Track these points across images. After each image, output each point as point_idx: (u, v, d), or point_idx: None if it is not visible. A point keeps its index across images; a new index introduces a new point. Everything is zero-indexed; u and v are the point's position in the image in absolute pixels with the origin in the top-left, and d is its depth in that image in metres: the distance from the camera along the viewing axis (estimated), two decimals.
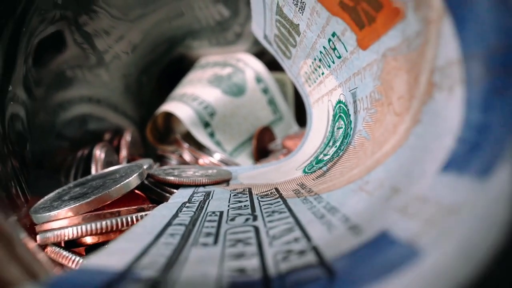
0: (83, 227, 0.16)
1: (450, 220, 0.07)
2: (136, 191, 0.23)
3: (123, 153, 0.36)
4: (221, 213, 0.13)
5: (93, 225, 0.16)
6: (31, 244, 0.15)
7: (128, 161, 0.33)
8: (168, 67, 0.54)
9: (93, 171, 0.28)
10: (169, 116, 0.48)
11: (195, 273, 0.08)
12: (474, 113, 0.08)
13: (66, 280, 0.07)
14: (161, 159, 0.38)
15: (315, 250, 0.09)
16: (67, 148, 0.28)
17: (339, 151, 0.16)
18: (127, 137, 0.36)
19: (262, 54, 0.45)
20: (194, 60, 0.54)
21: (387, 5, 0.11)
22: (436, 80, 0.10)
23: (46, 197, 0.21)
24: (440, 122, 0.10)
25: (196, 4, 0.46)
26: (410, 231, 0.08)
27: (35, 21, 0.19)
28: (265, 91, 0.45)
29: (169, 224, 0.12)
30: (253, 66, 0.46)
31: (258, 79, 0.45)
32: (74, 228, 0.16)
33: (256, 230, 0.11)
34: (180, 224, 0.12)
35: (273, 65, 0.41)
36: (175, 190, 0.22)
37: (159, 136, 0.49)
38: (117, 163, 0.33)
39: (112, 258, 0.09)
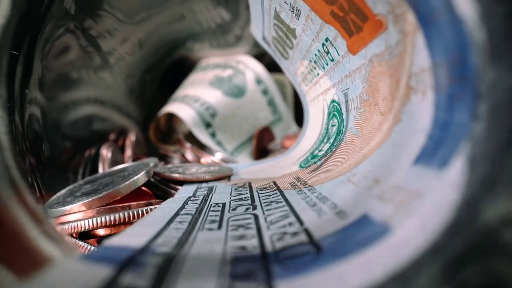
0: (98, 219, 0.17)
1: (415, 203, 0.09)
2: (143, 188, 0.24)
3: (128, 152, 0.37)
4: (224, 204, 0.15)
5: (107, 217, 0.17)
6: (57, 226, 0.16)
7: (133, 160, 0.35)
8: (170, 68, 0.55)
9: (100, 170, 0.30)
10: (171, 117, 0.49)
11: (203, 250, 0.10)
12: (440, 113, 0.10)
13: (96, 253, 0.09)
14: (163, 159, 0.39)
15: (306, 231, 0.10)
16: (74, 148, 0.30)
17: (332, 147, 0.18)
18: (131, 137, 0.38)
19: (262, 56, 0.46)
20: (195, 62, 0.55)
21: (371, 17, 0.13)
22: (413, 84, 0.12)
23: (58, 194, 0.22)
24: (415, 121, 0.11)
25: (197, 8, 0.47)
26: (385, 214, 0.09)
27: (49, 28, 0.20)
28: (265, 92, 0.46)
29: (177, 214, 0.14)
30: (253, 68, 0.47)
31: (258, 81, 0.47)
32: (90, 220, 0.17)
33: (256, 217, 0.13)
34: (187, 214, 0.14)
35: (272, 67, 0.43)
36: (179, 187, 0.23)
37: (162, 136, 0.51)
38: (122, 162, 0.35)
39: (131, 238, 0.10)
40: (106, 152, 0.32)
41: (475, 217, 0.07)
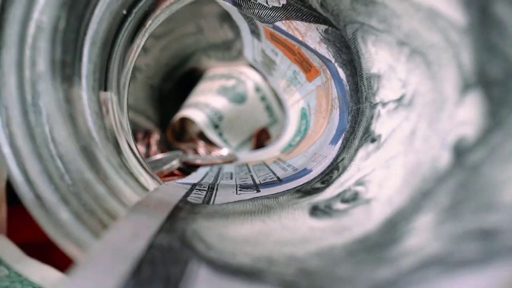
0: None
1: (323, 159, 0.20)
2: (175, 171, 0.36)
3: (154, 148, 0.49)
4: (231, 172, 0.27)
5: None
6: None
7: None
8: (181, 78, 0.67)
9: None
10: (183, 119, 0.61)
11: (224, 183, 0.21)
12: (340, 119, 0.21)
13: (181, 182, 0.20)
14: None
15: (276, 176, 0.22)
16: None
17: (301, 138, 0.29)
18: (156, 136, 0.50)
19: None
20: (203, 72, 0.66)
21: (313, 67, 0.24)
22: (333, 104, 0.23)
23: None
24: (333, 122, 0.23)
25: (205, 26, 0.58)
26: (311, 166, 0.21)
27: None
28: (263, 98, 0.58)
29: (205, 176, 0.25)
30: (253, 78, 0.59)
31: (257, 89, 0.58)
32: None
33: (251, 176, 0.24)
34: (211, 175, 0.25)
35: None
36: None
37: (176, 135, 0.62)
38: (149, 155, 0.46)
39: (188, 180, 0.22)
40: (140, 147, 0.43)
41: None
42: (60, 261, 0.29)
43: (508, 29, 0.08)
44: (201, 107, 0.53)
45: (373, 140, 0.15)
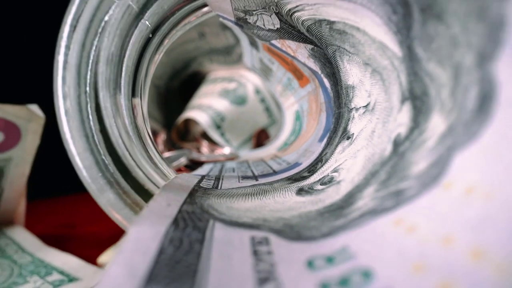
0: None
1: (311, 155, 0.24)
2: (182, 168, 0.40)
3: (160, 147, 0.53)
4: (233, 167, 0.31)
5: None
6: None
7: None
8: (185, 80, 0.71)
9: None
10: (187, 120, 0.65)
11: (228, 175, 0.25)
12: (327, 121, 0.26)
13: (184, 175, 0.25)
14: None
15: (272, 169, 0.26)
16: None
17: (295, 138, 0.34)
18: (162, 136, 0.54)
19: None
20: (205, 75, 0.71)
21: (304, 76, 0.28)
22: (321, 107, 0.27)
23: None
24: (321, 123, 0.27)
25: (208, 32, 0.63)
26: (302, 160, 0.25)
27: None
28: (262, 100, 0.62)
29: (210, 170, 0.30)
30: (252, 81, 0.63)
31: (257, 91, 0.62)
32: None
33: (251, 169, 0.28)
34: (216, 169, 0.30)
35: None
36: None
37: (181, 135, 0.66)
38: None
39: (199, 172, 0.26)
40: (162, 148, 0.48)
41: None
42: (73, 252, 0.34)
43: (423, 63, 0.12)
44: (204, 108, 0.58)
45: (348, 138, 0.19)
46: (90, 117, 0.16)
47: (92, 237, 0.41)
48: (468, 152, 0.09)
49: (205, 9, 0.23)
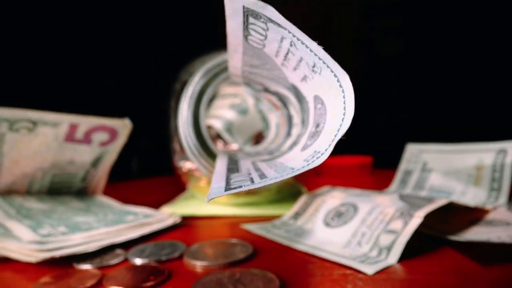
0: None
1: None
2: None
3: None
4: (241, 156, 0.54)
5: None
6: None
7: None
8: None
9: None
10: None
11: (242, 166, 0.49)
12: (289, 128, 0.49)
13: (221, 154, 0.48)
14: None
15: (268, 153, 0.50)
16: None
17: (275, 136, 0.57)
18: None
19: None
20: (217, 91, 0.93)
21: (277, 106, 0.52)
22: (285, 123, 0.51)
23: None
24: (286, 128, 0.51)
25: None
26: (281, 147, 0.49)
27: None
28: (259, 112, 0.86)
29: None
30: (252, 97, 0.86)
31: (256, 105, 0.85)
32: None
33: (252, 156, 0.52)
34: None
35: None
36: None
37: None
38: None
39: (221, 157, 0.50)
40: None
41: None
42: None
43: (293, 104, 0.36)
44: (218, 117, 0.81)
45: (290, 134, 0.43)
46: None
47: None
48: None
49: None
